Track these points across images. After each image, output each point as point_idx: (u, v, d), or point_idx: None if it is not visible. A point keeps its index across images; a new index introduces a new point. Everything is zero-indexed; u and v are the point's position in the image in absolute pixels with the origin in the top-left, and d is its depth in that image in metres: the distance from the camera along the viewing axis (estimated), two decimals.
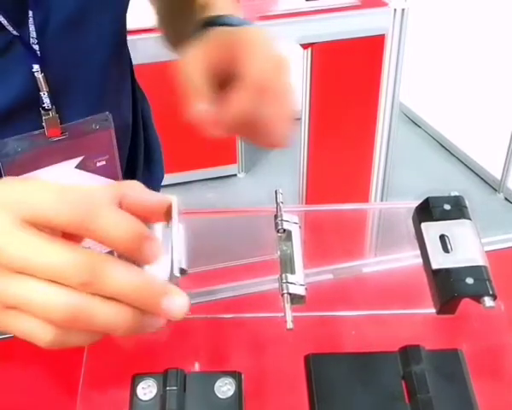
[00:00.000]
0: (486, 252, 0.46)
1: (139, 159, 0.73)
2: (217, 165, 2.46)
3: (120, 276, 0.36)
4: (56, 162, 0.59)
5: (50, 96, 0.56)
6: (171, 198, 0.42)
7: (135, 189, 0.40)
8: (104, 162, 0.61)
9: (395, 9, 1.79)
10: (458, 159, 2.62)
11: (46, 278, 0.35)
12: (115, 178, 0.63)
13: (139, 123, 0.72)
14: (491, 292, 0.44)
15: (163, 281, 0.38)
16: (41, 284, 0.35)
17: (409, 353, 0.45)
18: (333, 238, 0.45)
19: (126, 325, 0.36)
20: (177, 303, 0.37)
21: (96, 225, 0.36)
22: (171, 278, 0.39)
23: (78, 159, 0.60)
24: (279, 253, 0.47)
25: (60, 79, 0.56)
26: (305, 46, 1.93)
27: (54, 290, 0.35)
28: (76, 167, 0.60)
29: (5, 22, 0.51)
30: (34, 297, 0.35)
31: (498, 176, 2.49)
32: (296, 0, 1.87)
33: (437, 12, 2.52)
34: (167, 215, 0.41)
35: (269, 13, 1.85)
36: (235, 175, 2.51)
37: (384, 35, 1.84)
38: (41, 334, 0.36)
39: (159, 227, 0.42)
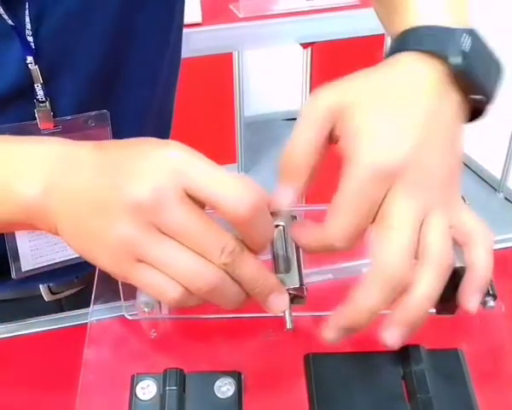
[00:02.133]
0: None
1: None
2: None
3: (251, 266, 0.41)
4: None
5: (44, 89, 0.55)
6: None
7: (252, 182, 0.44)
8: None
9: None
10: None
11: (194, 249, 0.39)
12: None
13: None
14: (491, 292, 0.44)
15: (277, 279, 0.43)
16: (192, 253, 0.39)
17: (409, 352, 0.45)
18: None
19: (236, 304, 0.42)
20: (278, 302, 0.43)
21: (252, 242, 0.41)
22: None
23: None
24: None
25: (55, 71, 0.56)
26: (305, 46, 1.93)
27: (203, 262, 0.39)
28: None
29: (1, 10, 0.51)
30: (183, 263, 0.39)
31: (498, 175, 2.49)
32: (296, 0, 1.87)
33: None
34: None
35: (269, 12, 1.85)
36: None
37: (384, 35, 1.84)
38: (170, 291, 0.40)
39: None
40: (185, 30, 0.67)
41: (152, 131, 0.66)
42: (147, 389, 0.43)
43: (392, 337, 0.42)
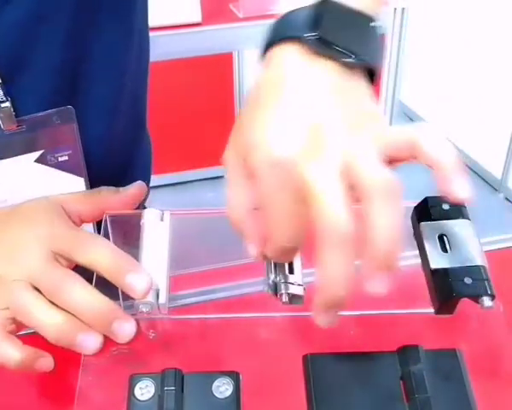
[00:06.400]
0: (486, 252, 0.46)
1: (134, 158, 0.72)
2: (216, 164, 2.45)
3: (79, 295, 0.46)
4: (14, 155, 0.58)
5: (4, 88, 0.54)
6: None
7: (108, 193, 0.52)
8: (66, 157, 0.60)
9: (395, 8, 1.79)
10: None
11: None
12: (78, 173, 0.61)
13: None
14: (489, 292, 0.44)
15: (115, 306, 0.47)
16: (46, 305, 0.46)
17: (407, 353, 0.45)
18: None
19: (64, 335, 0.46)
20: (125, 329, 0.46)
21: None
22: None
23: (38, 153, 0.59)
24: None
25: (14, 69, 0.54)
26: None
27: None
28: (36, 161, 0.59)
29: None
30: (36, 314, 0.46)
31: (498, 176, 2.49)
32: (296, 0, 1.87)
33: (437, 11, 2.52)
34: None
35: (269, 12, 1.85)
36: None
37: (384, 34, 1.84)
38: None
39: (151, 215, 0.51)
40: (185, 30, 0.67)
41: (124, 126, 0.65)
42: (145, 390, 0.43)
43: (378, 287, 0.40)
